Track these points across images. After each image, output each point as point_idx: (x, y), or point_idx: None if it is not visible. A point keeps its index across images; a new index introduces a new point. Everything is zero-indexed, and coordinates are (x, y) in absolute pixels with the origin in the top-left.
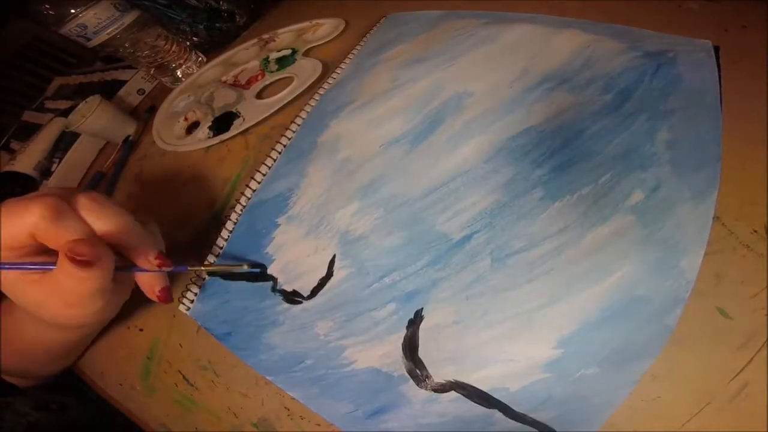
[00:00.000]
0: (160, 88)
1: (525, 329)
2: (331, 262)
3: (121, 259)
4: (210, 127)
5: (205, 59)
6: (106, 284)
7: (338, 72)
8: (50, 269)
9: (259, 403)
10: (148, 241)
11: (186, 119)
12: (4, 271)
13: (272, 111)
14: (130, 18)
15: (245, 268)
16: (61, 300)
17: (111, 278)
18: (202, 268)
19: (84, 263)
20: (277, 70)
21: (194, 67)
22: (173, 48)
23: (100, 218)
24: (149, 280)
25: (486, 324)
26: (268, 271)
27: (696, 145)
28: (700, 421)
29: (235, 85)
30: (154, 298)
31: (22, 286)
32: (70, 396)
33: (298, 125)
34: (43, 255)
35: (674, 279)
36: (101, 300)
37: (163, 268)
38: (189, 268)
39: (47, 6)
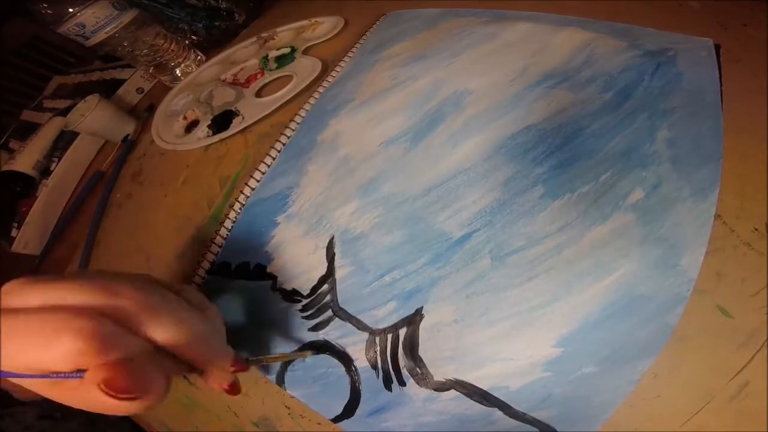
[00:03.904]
0: (159, 86)
1: (525, 328)
2: (331, 261)
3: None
4: (209, 126)
5: (204, 58)
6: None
7: (338, 70)
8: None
9: (260, 402)
10: (219, 348)
11: (185, 118)
12: (27, 381)
13: (271, 109)
14: (128, 17)
15: (308, 355)
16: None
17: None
18: (263, 359)
19: (125, 398)
20: (277, 68)
21: (193, 65)
22: (172, 47)
23: (159, 329)
24: (214, 376)
25: (486, 322)
26: (268, 270)
27: (696, 143)
28: (700, 420)
29: (234, 83)
30: (219, 389)
31: (53, 392)
32: None
33: (298, 123)
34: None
35: (675, 277)
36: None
37: (239, 372)
38: (250, 360)
39: (45, 5)
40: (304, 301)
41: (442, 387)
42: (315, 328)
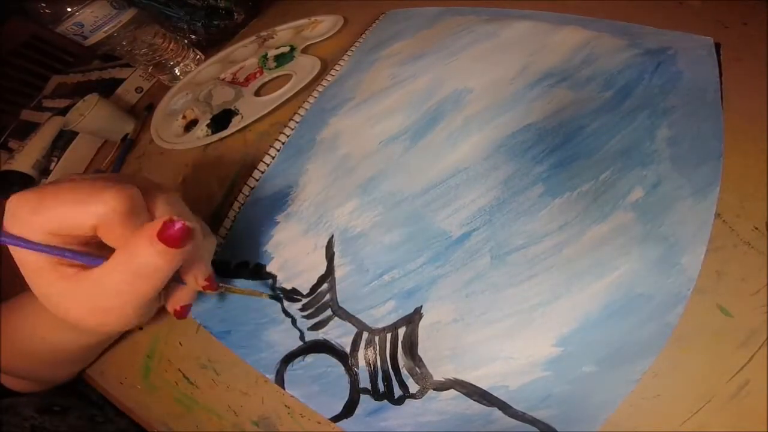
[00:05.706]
0: (158, 86)
1: (525, 327)
2: (330, 260)
3: None
4: (208, 125)
5: (203, 57)
6: (158, 288)
7: (337, 69)
8: (97, 264)
9: (260, 401)
10: (205, 258)
11: (184, 117)
12: (31, 256)
13: (271, 108)
14: (127, 16)
15: (265, 296)
16: (92, 304)
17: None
18: (232, 289)
19: (176, 241)
20: (276, 67)
21: (192, 64)
22: (171, 46)
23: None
24: (178, 294)
25: (485, 322)
26: (267, 269)
27: (697, 142)
28: (700, 419)
29: (233, 82)
30: (170, 310)
31: (50, 277)
32: (73, 398)
33: (297, 122)
34: (89, 248)
35: (675, 276)
36: (143, 309)
37: (206, 291)
38: (221, 286)
39: (44, 4)
40: (304, 301)
41: (442, 386)
42: (314, 327)
